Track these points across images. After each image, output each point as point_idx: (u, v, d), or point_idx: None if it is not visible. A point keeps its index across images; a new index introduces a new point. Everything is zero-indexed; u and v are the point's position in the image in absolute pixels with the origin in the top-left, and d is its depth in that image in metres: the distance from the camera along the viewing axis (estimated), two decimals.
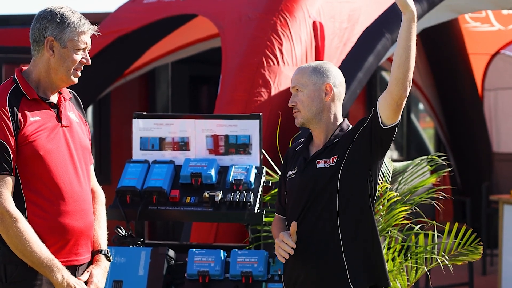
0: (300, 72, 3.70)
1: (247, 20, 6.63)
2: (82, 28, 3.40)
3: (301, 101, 3.67)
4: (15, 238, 3.27)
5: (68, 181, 3.39)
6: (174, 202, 4.65)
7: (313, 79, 3.67)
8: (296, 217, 3.63)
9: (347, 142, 3.61)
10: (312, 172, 3.62)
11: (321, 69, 3.69)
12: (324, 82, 3.67)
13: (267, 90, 6.22)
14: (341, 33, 6.75)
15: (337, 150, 3.61)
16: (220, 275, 4.46)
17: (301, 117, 3.67)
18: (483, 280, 8.76)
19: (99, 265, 3.50)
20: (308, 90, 3.66)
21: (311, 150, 3.71)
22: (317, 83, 3.67)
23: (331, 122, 3.69)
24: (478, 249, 4.62)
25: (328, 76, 3.69)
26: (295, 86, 3.69)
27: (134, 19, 7.82)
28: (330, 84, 3.66)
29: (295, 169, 3.69)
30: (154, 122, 4.89)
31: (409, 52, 3.50)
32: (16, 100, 3.35)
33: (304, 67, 3.72)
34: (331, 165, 3.59)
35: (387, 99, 3.50)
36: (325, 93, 3.66)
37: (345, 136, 3.65)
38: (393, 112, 3.52)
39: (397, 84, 3.47)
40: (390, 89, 3.48)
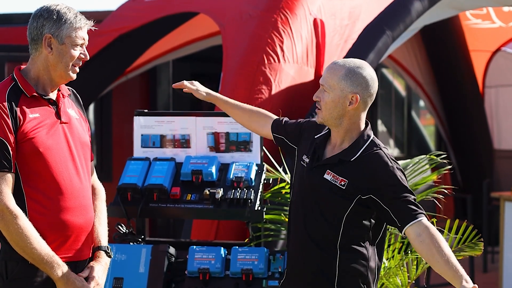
0: (332, 71, 3.50)
1: (248, 18, 6.64)
2: (78, 24, 3.43)
3: (325, 102, 3.50)
4: (15, 235, 3.28)
5: (68, 177, 3.40)
6: (175, 200, 4.66)
7: (342, 85, 3.47)
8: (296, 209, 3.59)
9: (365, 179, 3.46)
10: (318, 179, 3.52)
11: (354, 75, 3.47)
12: (352, 92, 3.48)
13: (268, 87, 6.23)
14: (342, 30, 6.76)
15: (350, 174, 3.47)
16: (220, 272, 4.47)
17: (321, 116, 3.54)
18: (484, 277, 8.77)
19: (99, 261, 3.51)
20: (334, 94, 3.48)
21: (327, 146, 3.60)
22: (344, 90, 3.47)
23: (351, 128, 3.53)
24: (478, 245, 4.62)
25: (360, 84, 3.48)
26: (323, 84, 3.50)
27: (135, 18, 7.83)
28: (357, 96, 3.48)
29: (308, 160, 3.58)
30: (155, 119, 4.90)
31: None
32: (15, 98, 3.37)
33: (338, 66, 3.50)
34: (337, 185, 3.48)
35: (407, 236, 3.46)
36: (350, 102, 3.49)
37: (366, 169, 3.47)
38: None
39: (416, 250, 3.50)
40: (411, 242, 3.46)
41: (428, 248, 3.40)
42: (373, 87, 3.52)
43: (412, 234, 3.43)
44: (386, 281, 4.63)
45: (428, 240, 3.40)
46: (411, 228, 3.43)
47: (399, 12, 6.81)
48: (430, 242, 3.40)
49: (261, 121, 3.97)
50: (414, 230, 3.43)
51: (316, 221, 3.52)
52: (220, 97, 4.07)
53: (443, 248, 3.40)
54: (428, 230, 3.42)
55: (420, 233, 3.41)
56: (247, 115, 4.01)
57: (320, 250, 3.51)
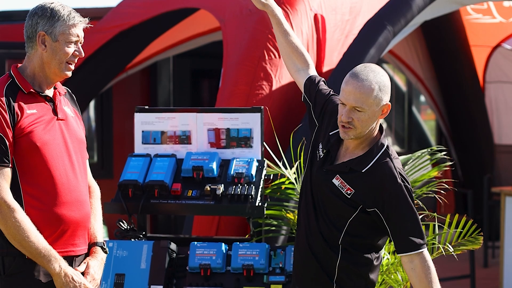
0: (364, 90, 3.39)
1: (248, 13, 6.64)
2: (72, 21, 3.44)
3: (361, 120, 3.42)
4: (13, 229, 3.30)
5: (64, 173, 3.42)
6: (176, 196, 4.67)
7: (377, 100, 3.41)
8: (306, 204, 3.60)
9: (372, 193, 3.44)
10: (326, 181, 3.51)
11: (384, 87, 3.43)
12: (386, 103, 3.46)
13: (268, 83, 6.23)
14: (343, 25, 6.75)
15: (357, 184, 3.46)
16: (221, 268, 4.47)
17: (354, 134, 3.45)
18: (484, 272, 8.78)
19: (95, 257, 3.53)
20: (371, 111, 3.42)
21: (340, 148, 3.56)
22: (379, 103, 3.43)
23: (369, 135, 3.50)
24: (478, 239, 4.63)
25: (387, 93, 3.46)
26: (357, 106, 3.39)
27: (135, 14, 7.83)
28: (389, 105, 3.46)
29: (323, 154, 3.55)
30: (156, 116, 4.90)
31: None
32: (13, 94, 3.40)
33: (368, 84, 3.40)
34: (343, 193, 3.47)
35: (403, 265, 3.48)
36: (381, 113, 3.47)
37: (375, 182, 3.45)
38: None
39: None
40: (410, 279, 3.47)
41: (418, 279, 3.41)
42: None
43: (405, 260, 3.45)
44: (387, 277, 4.63)
45: (419, 271, 3.42)
46: (405, 256, 3.45)
47: (400, 7, 6.80)
48: (421, 274, 3.41)
49: (298, 64, 3.85)
50: (408, 257, 3.44)
51: (323, 217, 3.54)
52: (275, 15, 3.86)
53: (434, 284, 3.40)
54: (423, 261, 3.43)
55: (412, 261, 3.43)
56: (289, 49, 3.86)
57: (325, 244, 3.53)
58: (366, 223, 3.51)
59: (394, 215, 3.45)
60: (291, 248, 4.46)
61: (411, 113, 12.12)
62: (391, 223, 3.46)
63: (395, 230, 3.46)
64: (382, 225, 3.48)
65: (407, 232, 3.45)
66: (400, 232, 3.46)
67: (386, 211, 3.45)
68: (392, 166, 3.47)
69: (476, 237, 4.60)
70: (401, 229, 3.45)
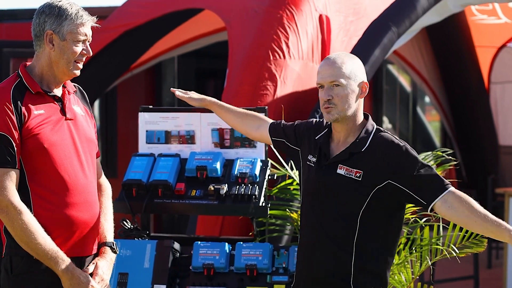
0: (338, 65, 3.46)
1: (253, 14, 6.65)
2: (80, 20, 3.42)
3: (340, 96, 3.45)
4: (20, 231, 3.29)
5: (73, 173, 3.41)
6: (180, 195, 4.67)
7: (353, 75, 3.47)
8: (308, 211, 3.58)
9: (381, 167, 3.44)
10: (331, 175, 3.50)
11: (359, 63, 3.50)
12: (362, 80, 3.50)
13: (273, 83, 6.24)
14: (347, 26, 6.76)
15: (363, 165, 3.46)
16: (225, 268, 4.48)
17: (337, 112, 3.46)
18: (488, 273, 8.78)
19: (104, 257, 3.52)
20: (349, 85, 3.46)
21: (331, 144, 3.57)
22: (356, 79, 3.48)
23: (356, 121, 3.53)
24: (482, 241, 4.62)
25: (364, 72, 3.52)
26: (334, 80, 3.44)
27: (141, 14, 7.84)
28: (367, 83, 3.50)
29: (315, 158, 3.56)
30: (160, 115, 4.91)
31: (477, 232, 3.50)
32: (20, 94, 3.38)
33: (340, 60, 3.47)
34: (353, 178, 3.45)
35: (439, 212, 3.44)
36: (361, 92, 3.50)
37: (378, 155, 3.46)
38: None
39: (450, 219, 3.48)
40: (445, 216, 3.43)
41: (458, 212, 3.37)
42: None
43: (439, 206, 3.40)
44: (391, 278, 4.64)
45: (456, 205, 3.38)
46: (438, 203, 3.41)
47: (404, 8, 6.81)
48: (459, 205, 3.37)
49: (255, 124, 3.94)
50: (440, 202, 3.40)
51: (333, 220, 3.50)
52: (214, 102, 4.04)
53: (476, 207, 3.37)
54: (454, 195, 3.39)
55: (446, 200, 3.39)
56: (240, 118, 3.98)
57: (336, 248, 3.49)
58: (377, 212, 3.48)
59: (408, 175, 3.43)
60: (295, 248, 4.46)
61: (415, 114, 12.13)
62: (408, 184, 3.43)
63: (415, 187, 3.43)
64: (402, 193, 3.43)
65: (428, 182, 3.42)
66: (421, 186, 3.42)
67: (399, 175, 3.43)
68: (389, 135, 3.53)
69: (481, 239, 4.60)
70: (421, 183, 3.42)
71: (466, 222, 3.41)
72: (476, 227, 3.40)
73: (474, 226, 3.40)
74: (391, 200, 3.49)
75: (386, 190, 3.46)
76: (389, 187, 3.45)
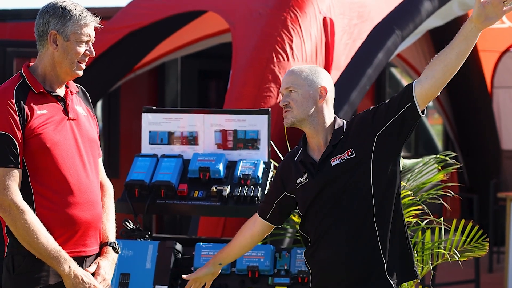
0: (294, 73, 3.67)
1: (257, 16, 6.65)
2: (84, 21, 3.43)
3: (295, 100, 3.63)
4: (22, 230, 3.30)
5: (75, 173, 3.42)
6: (182, 196, 4.67)
7: (309, 81, 3.65)
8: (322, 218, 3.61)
9: (363, 132, 3.59)
10: (329, 170, 3.59)
11: (316, 72, 3.68)
12: (319, 85, 3.65)
13: (276, 85, 6.24)
14: (351, 29, 6.76)
15: (349, 144, 3.59)
16: (226, 269, 4.48)
17: (292, 116, 3.64)
18: (489, 277, 8.77)
19: (106, 257, 3.52)
20: (303, 90, 3.63)
21: (312, 154, 3.68)
22: (312, 84, 3.65)
23: (326, 123, 3.66)
24: (484, 245, 4.63)
25: (323, 79, 3.68)
26: (289, 87, 3.65)
27: (145, 15, 7.84)
28: (325, 87, 3.66)
29: (305, 175, 3.66)
30: (163, 116, 4.92)
31: (462, 61, 3.47)
32: (23, 94, 3.39)
33: (297, 69, 3.70)
34: (348, 158, 3.57)
35: (426, 94, 3.48)
36: (320, 96, 3.65)
37: (354, 129, 3.62)
38: (425, 103, 3.54)
39: (442, 86, 3.49)
40: (433, 88, 3.46)
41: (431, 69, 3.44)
42: (331, 82, 3.71)
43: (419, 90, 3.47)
44: None
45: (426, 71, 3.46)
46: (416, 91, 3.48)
47: (409, 11, 6.81)
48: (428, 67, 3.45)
49: (249, 228, 3.95)
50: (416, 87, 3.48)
51: (348, 215, 3.57)
52: (218, 259, 4.00)
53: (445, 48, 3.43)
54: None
55: (418, 81, 3.48)
56: (242, 240, 3.96)
57: (362, 243, 3.56)
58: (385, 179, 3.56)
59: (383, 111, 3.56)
60: (296, 250, 4.46)
61: None
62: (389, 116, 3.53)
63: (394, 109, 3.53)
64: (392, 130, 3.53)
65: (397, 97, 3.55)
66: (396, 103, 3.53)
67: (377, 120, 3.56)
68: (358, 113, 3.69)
69: (482, 243, 4.60)
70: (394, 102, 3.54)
71: (443, 64, 3.43)
72: (450, 53, 3.43)
73: (450, 56, 3.43)
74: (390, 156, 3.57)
75: (382, 146, 3.56)
76: (381, 141, 3.56)
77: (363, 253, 3.57)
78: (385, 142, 3.56)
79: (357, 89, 6.30)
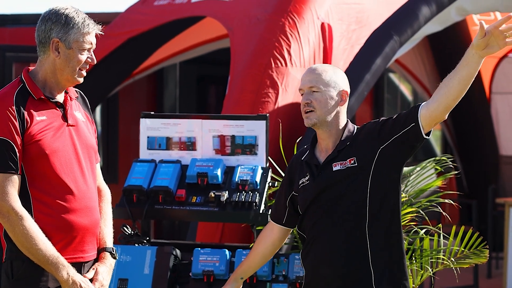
0: (318, 72, 3.64)
1: (256, 22, 6.66)
2: (86, 29, 3.43)
3: (319, 101, 3.61)
4: (21, 236, 3.30)
5: (74, 179, 3.42)
6: (180, 202, 4.68)
7: (333, 82, 3.63)
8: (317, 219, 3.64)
9: (368, 143, 3.58)
10: (329, 175, 3.61)
11: (339, 74, 3.67)
12: (342, 88, 3.65)
13: (274, 91, 6.24)
14: (349, 35, 6.76)
15: (353, 152, 3.59)
16: (225, 275, 4.48)
17: (315, 117, 3.61)
18: (488, 283, 8.76)
19: (104, 262, 3.52)
20: (327, 91, 3.61)
21: (318, 156, 3.70)
22: (336, 87, 3.64)
23: (339, 126, 3.67)
24: (484, 252, 4.62)
25: (343, 82, 3.68)
26: (313, 86, 3.61)
27: (144, 21, 7.85)
28: (346, 91, 3.66)
29: (307, 176, 3.67)
30: (162, 121, 4.92)
31: (465, 86, 3.49)
32: (23, 100, 3.38)
33: (321, 68, 3.66)
34: (349, 166, 3.57)
35: (429, 117, 3.49)
36: (341, 99, 3.65)
37: (361, 138, 3.62)
38: (430, 126, 3.55)
39: (445, 111, 3.50)
40: (436, 112, 3.48)
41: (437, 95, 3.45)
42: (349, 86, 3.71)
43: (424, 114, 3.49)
44: None
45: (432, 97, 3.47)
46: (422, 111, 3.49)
47: (407, 17, 6.82)
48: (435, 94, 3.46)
49: (268, 235, 3.92)
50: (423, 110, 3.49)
51: (342, 213, 3.58)
52: (241, 270, 3.95)
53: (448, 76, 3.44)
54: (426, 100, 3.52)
55: (427, 103, 3.49)
56: (263, 250, 3.93)
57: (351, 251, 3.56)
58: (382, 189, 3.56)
59: (389, 126, 3.56)
60: (294, 256, 4.46)
61: None
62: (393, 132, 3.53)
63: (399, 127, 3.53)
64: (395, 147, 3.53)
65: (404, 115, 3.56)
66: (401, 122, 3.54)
67: (383, 135, 3.55)
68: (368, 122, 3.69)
69: (482, 250, 4.59)
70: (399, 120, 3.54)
71: (446, 88, 3.46)
72: (453, 78, 3.45)
73: (453, 81, 3.45)
74: (391, 169, 3.57)
75: (383, 160, 3.56)
76: (383, 155, 3.56)
77: (351, 261, 3.57)
78: (387, 156, 3.57)
79: (355, 95, 6.31)
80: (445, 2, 7.01)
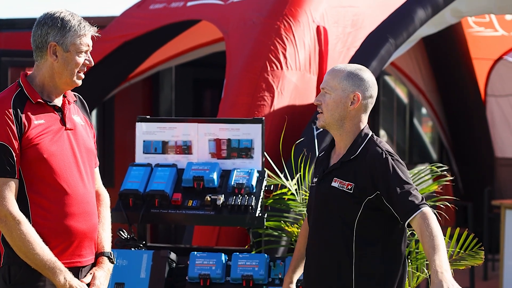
0: (333, 73, 3.58)
1: (251, 25, 6.66)
2: (83, 31, 3.44)
3: (326, 104, 3.57)
4: (18, 241, 3.30)
5: (72, 183, 3.42)
6: (176, 206, 4.68)
7: (343, 85, 3.55)
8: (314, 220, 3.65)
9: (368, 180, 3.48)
10: (326, 188, 3.57)
11: (356, 76, 3.55)
12: (354, 91, 3.54)
13: (270, 94, 6.24)
14: (345, 37, 6.77)
15: (355, 176, 3.50)
16: (221, 278, 4.48)
17: (322, 119, 3.59)
18: (484, 285, 8.77)
19: (102, 267, 3.52)
20: (335, 94, 3.55)
21: (332, 157, 3.65)
22: (346, 89, 3.54)
23: (353, 131, 3.58)
24: (479, 254, 4.62)
25: (360, 85, 3.55)
26: (324, 87, 3.57)
27: (139, 25, 7.86)
28: (359, 94, 3.54)
29: (317, 177, 3.66)
30: (157, 125, 4.92)
31: None
32: (21, 104, 3.38)
33: (339, 69, 3.59)
34: (346, 191, 3.51)
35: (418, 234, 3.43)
36: (351, 102, 3.55)
37: (364, 165, 3.51)
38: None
39: None
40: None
41: (420, 237, 3.36)
42: (373, 89, 3.59)
43: (413, 225, 3.41)
44: None
45: (419, 229, 3.36)
46: (412, 222, 3.41)
47: (402, 20, 6.82)
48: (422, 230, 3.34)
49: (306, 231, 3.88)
50: (413, 222, 3.41)
51: (329, 229, 3.56)
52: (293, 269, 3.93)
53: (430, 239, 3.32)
54: (423, 219, 3.37)
55: (415, 222, 3.39)
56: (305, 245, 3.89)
57: (335, 255, 3.54)
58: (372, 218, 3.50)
59: (388, 188, 3.45)
60: (291, 259, 4.46)
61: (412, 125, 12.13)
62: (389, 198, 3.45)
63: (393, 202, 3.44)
64: (385, 205, 3.46)
65: (403, 201, 3.42)
66: (397, 201, 3.43)
67: (381, 188, 3.46)
68: (378, 147, 3.55)
69: (477, 252, 4.59)
70: (398, 199, 3.43)
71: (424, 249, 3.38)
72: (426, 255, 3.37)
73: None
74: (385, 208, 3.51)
75: (378, 200, 3.50)
76: (378, 199, 3.50)
77: (334, 272, 3.54)
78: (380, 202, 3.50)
79: None
80: (440, 5, 7.02)
